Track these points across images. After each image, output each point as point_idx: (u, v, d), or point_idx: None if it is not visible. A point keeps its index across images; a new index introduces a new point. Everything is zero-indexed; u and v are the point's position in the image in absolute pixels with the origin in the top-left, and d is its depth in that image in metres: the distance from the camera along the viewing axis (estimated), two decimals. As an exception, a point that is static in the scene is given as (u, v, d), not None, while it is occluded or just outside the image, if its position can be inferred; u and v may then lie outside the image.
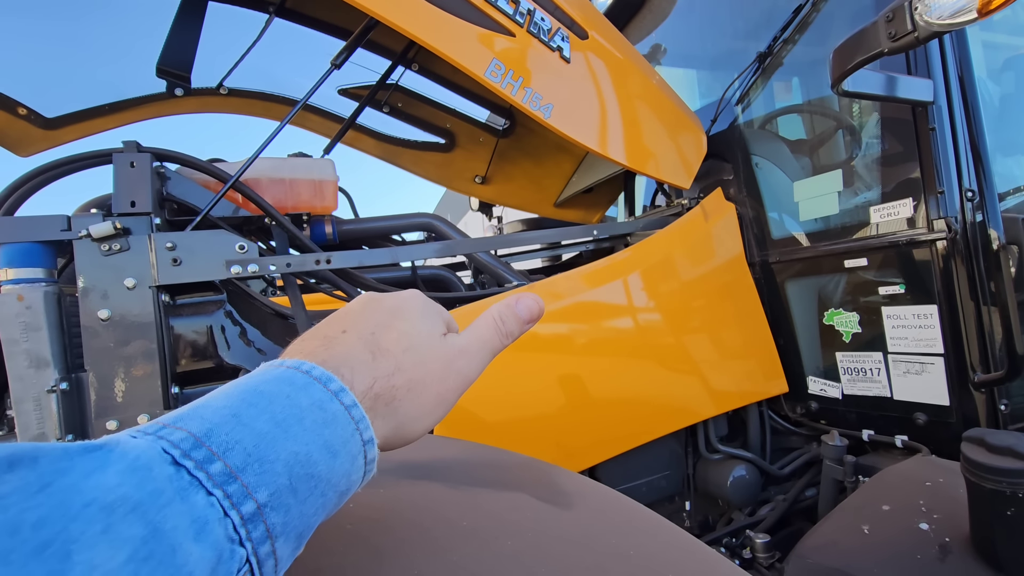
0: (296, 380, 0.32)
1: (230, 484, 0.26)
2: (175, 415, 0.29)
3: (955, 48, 1.27)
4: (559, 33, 1.30)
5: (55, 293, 0.95)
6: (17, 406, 0.91)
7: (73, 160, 1.05)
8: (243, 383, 0.32)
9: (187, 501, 0.24)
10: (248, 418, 0.29)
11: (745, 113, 1.78)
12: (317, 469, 0.30)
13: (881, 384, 1.40)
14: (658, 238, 1.51)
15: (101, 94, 1.54)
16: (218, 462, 0.26)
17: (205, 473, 0.26)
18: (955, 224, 1.23)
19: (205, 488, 0.25)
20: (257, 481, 0.27)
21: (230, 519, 0.25)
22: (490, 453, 0.59)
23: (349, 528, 0.36)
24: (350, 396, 0.33)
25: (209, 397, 0.31)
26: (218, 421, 0.28)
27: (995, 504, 0.81)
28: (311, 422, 0.31)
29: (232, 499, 0.26)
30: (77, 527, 0.21)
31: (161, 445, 0.26)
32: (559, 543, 0.40)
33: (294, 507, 0.28)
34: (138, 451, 0.25)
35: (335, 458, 0.31)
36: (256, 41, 1.59)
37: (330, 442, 0.31)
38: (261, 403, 0.30)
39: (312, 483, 0.30)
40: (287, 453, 0.29)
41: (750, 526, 1.45)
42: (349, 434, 0.32)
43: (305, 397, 0.32)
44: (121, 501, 0.22)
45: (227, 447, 0.27)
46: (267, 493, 0.27)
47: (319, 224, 1.41)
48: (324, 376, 0.33)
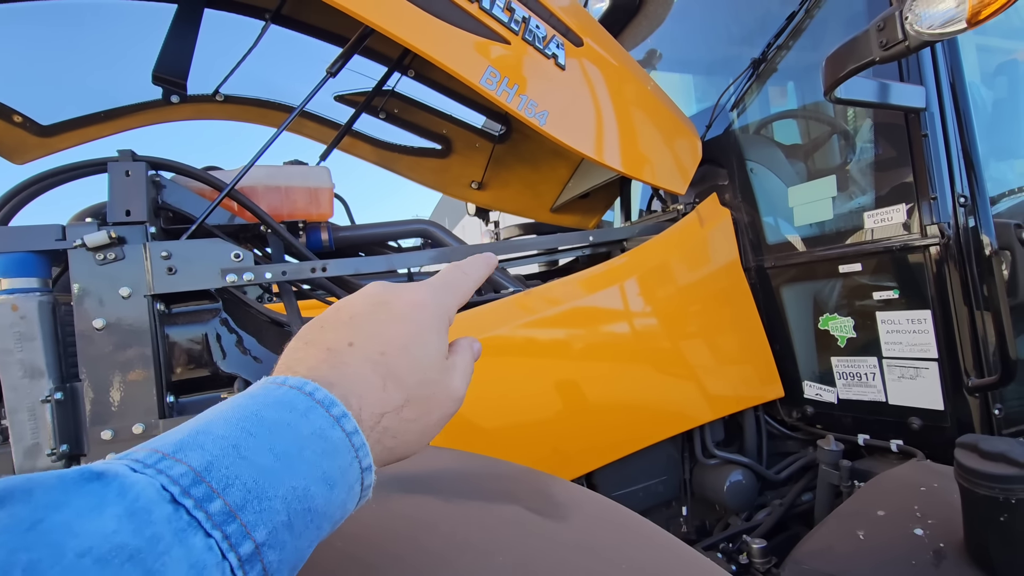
0: (298, 405, 0.32)
1: (229, 524, 0.25)
2: (175, 442, 0.28)
3: (947, 55, 1.28)
4: (554, 40, 1.31)
5: (50, 303, 0.95)
6: (11, 416, 0.91)
7: (68, 169, 1.05)
8: (244, 406, 0.31)
9: (185, 544, 0.24)
10: (248, 451, 0.28)
11: (740, 118, 1.79)
12: (315, 503, 0.29)
13: (876, 389, 1.41)
14: (654, 244, 1.52)
15: (97, 101, 1.55)
16: (218, 500, 0.26)
17: (204, 513, 0.25)
18: (948, 229, 1.24)
19: (204, 529, 0.25)
20: (256, 520, 0.26)
21: (228, 562, 0.25)
22: (484, 463, 0.59)
23: (339, 546, 0.36)
24: (352, 423, 0.33)
25: (209, 420, 0.30)
26: (218, 453, 0.27)
27: (989, 510, 0.82)
28: (311, 453, 0.30)
29: (231, 540, 0.25)
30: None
31: (160, 481, 0.25)
32: (553, 556, 0.40)
33: (290, 543, 0.28)
34: (137, 490, 0.24)
35: (332, 490, 0.31)
36: (252, 48, 1.59)
37: (329, 474, 0.30)
38: (261, 433, 0.29)
39: (309, 517, 0.29)
40: (286, 489, 0.28)
41: (747, 531, 1.45)
42: (348, 463, 0.32)
43: (306, 425, 0.31)
44: (118, 550, 0.21)
45: (227, 483, 0.26)
46: (265, 532, 0.27)
47: (315, 231, 1.41)
48: (327, 400, 0.32)
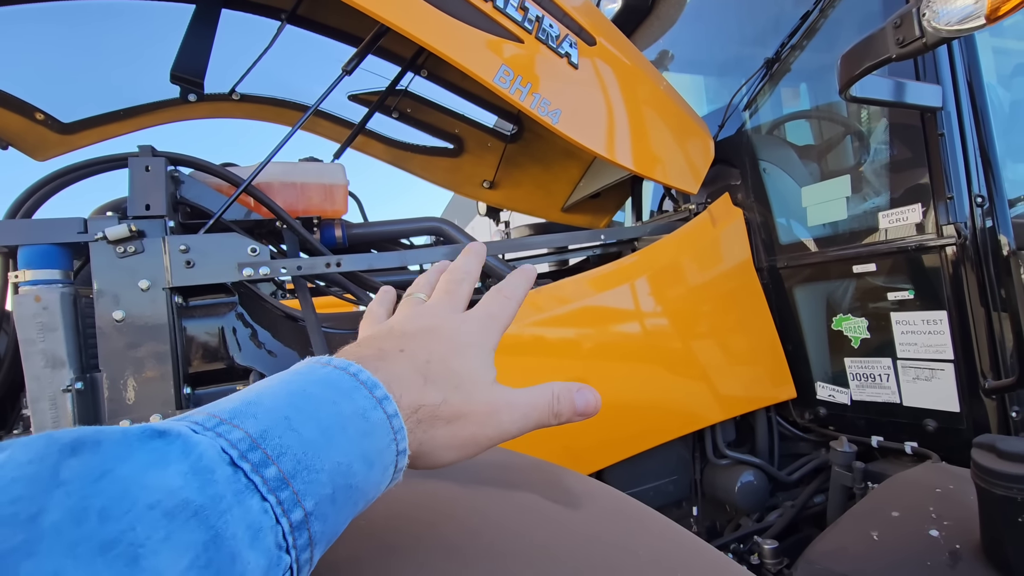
0: (342, 384, 0.33)
1: (283, 490, 0.26)
2: (229, 409, 0.28)
3: (964, 53, 1.27)
4: (567, 39, 1.31)
5: (71, 294, 0.97)
6: (33, 405, 0.92)
7: (90, 164, 1.07)
8: (290, 382, 0.32)
9: (243, 505, 0.24)
10: (298, 423, 0.29)
11: (753, 119, 1.78)
12: (355, 480, 0.30)
13: (890, 390, 1.39)
14: (665, 243, 1.51)
15: (116, 99, 1.57)
16: (272, 467, 0.26)
17: (261, 477, 0.26)
18: (965, 230, 1.23)
19: (260, 493, 0.25)
20: (306, 489, 0.27)
21: (281, 526, 0.26)
22: (498, 454, 0.60)
23: (362, 524, 0.37)
24: (393, 405, 0.33)
25: (257, 393, 0.31)
26: (271, 423, 0.28)
27: (1006, 510, 0.81)
28: (353, 431, 0.31)
29: (284, 506, 0.26)
30: (142, 530, 0.20)
31: (220, 444, 0.26)
32: (568, 542, 0.40)
33: (331, 516, 0.29)
34: (200, 449, 0.25)
35: (371, 469, 0.31)
36: (268, 48, 1.61)
37: (368, 453, 0.31)
38: (308, 408, 0.30)
39: (349, 493, 0.30)
40: (332, 463, 0.29)
41: (758, 532, 1.45)
42: (386, 444, 0.33)
43: (349, 404, 0.32)
44: (183, 505, 0.22)
45: (280, 452, 0.27)
46: (313, 502, 0.27)
47: (329, 228, 1.42)
48: (370, 381, 0.33)
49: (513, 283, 0.51)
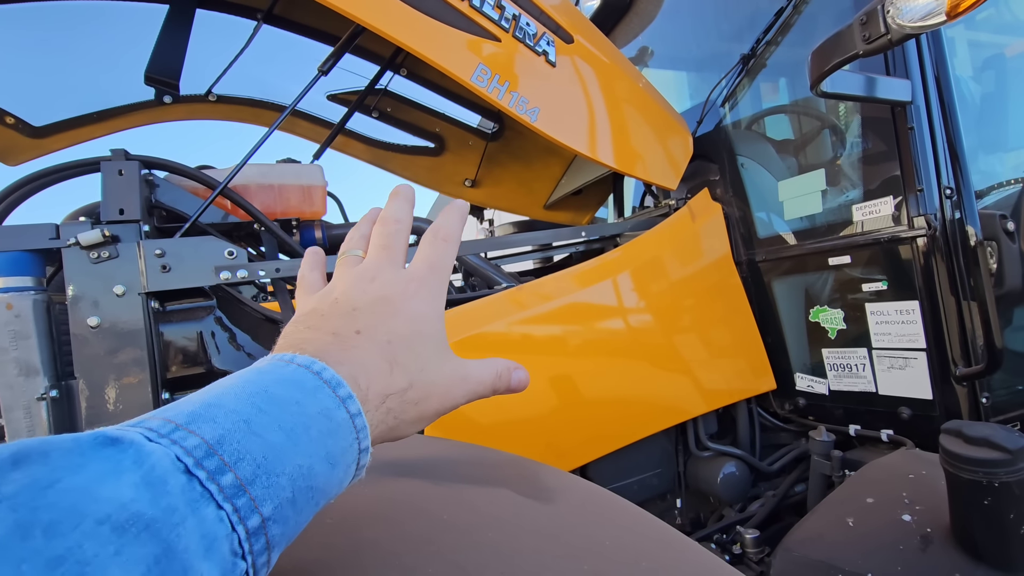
0: (306, 383, 0.32)
1: (239, 497, 0.26)
2: (187, 412, 0.28)
3: (931, 49, 1.30)
4: (544, 37, 1.32)
5: (44, 301, 0.96)
6: (7, 414, 0.91)
7: (61, 169, 1.05)
8: (253, 381, 0.31)
9: (198, 515, 0.24)
10: (259, 427, 0.29)
11: (731, 114, 1.80)
12: (317, 481, 0.30)
13: (866, 379, 1.42)
14: (646, 238, 1.53)
15: (89, 102, 1.55)
16: (229, 473, 0.26)
17: (216, 485, 0.25)
18: (935, 221, 1.26)
19: (216, 501, 0.25)
20: (264, 495, 0.27)
21: (236, 534, 0.25)
22: (473, 451, 0.60)
23: (329, 523, 0.38)
24: (356, 404, 0.33)
25: (219, 393, 0.30)
26: (230, 427, 0.28)
27: (973, 494, 0.83)
28: (316, 432, 0.31)
29: (240, 513, 0.26)
30: (91, 547, 0.20)
31: (175, 452, 0.25)
32: (537, 535, 0.41)
33: (292, 518, 0.29)
34: (153, 459, 0.24)
35: (333, 469, 0.31)
36: (244, 48, 1.59)
37: (332, 453, 0.31)
38: (272, 410, 0.30)
39: (310, 494, 0.30)
40: (292, 466, 0.29)
41: (740, 522, 1.47)
42: (349, 443, 0.33)
43: (313, 404, 0.31)
44: (135, 519, 0.22)
45: (238, 457, 0.27)
46: (271, 507, 0.27)
47: (308, 229, 1.42)
48: (334, 380, 0.33)
49: (448, 223, 0.48)
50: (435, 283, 0.44)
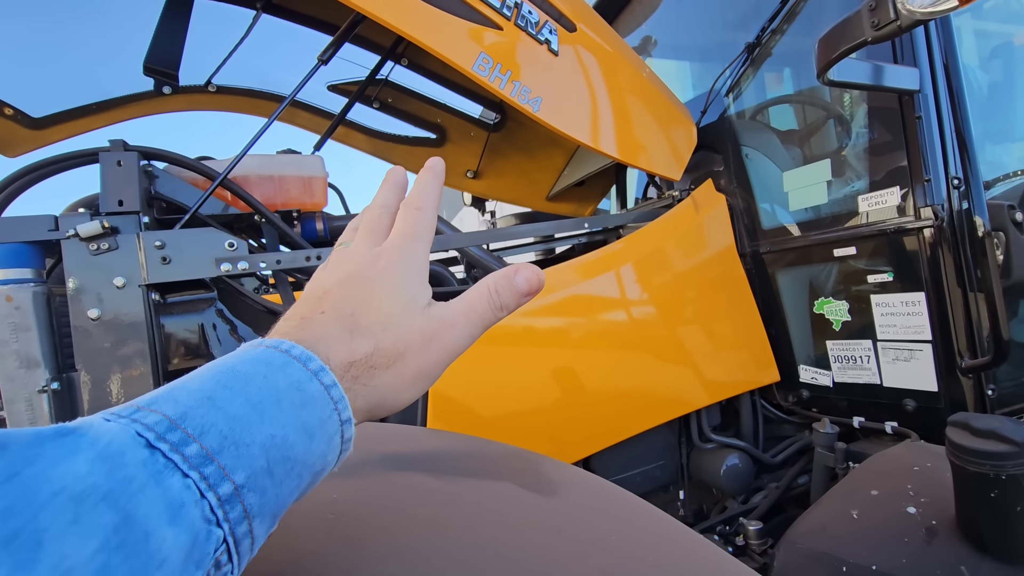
0: (274, 360, 0.32)
1: (207, 466, 0.26)
2: (149, 397, 0.28)
3: (940, 36, 1.28)
4: (547, 26, 1.30)
5: (44, 293, 0.95)
6: (8, 406, 0.91)
7: (60, 160, 1.04)
8: (220, 364, 0.31)
9: (162, 485, 0.24)
10: (223, 401, 0.28)
11: (735, 104, 1.78)
12: (294, 452, 0.29)
13: (871, 371, 1.41)
14: (650, 230, 1.52)
15: (88, 93, 1.54)
16: (194, 444, 0.26)
17: (181, 455, 0.25)
18: (942, 212, 1.24)
19: (181, 470, 0.25)
20: (234, 463, 0.27)
21: (207, 500, 0.25)
22: (475, 444, 0.60)
23: (331, 518, 0.37)
24: (330, 376, 0.33)
25: (185, 379, 0.30)
26: (192, 404, 0.27)
27: (979, 486, 0.83)
28: (288, 404, 0.30)
29: (209, 480, 0.25)
30: (46, 517, 0.20)
31: (135, 428, 0.25)
32: (540, 530, 0.40)
33: (270, 489, 0.28)
34: (110, 436, 0.24)
35: (312, 440, 0.31)
36: (244, 38, 1.58)
37: (308, 424, 0.30)
38: (236, 386, 0.29)
39: (289, 465, 0.29)
40: (264, 436, 0.28)
41: (743, 514, 1.47)
42: (327, 415, 0.32)
43: (283, 378, 0.31)
44: (91, 490, 0.22)
45: (203, 430, 0.26)
46: (244, 475, 0.27)
47: (309, 221, 1.41)
48: (303, 355, 0.32)
49: (419, 191, 0.46)
50: (407, 249, 0.42)
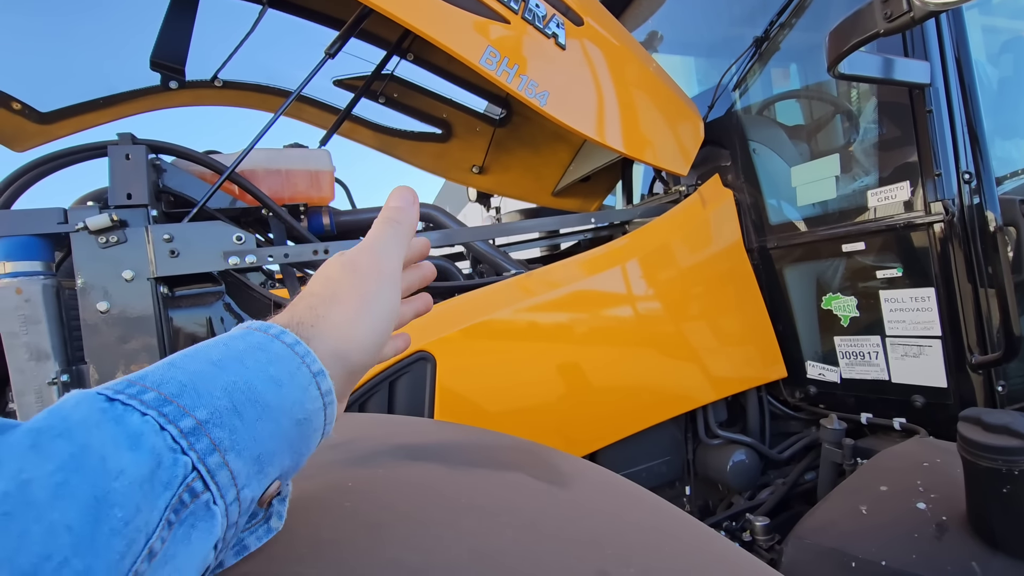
0: (235, 333, 0.35)
1: (165, 406, 0.27)
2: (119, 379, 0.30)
3: (952, 29, 1.27)
4: (554, 20, 1.29)
5: (53, 286, 0.95)
6: (19, 398, 0.91)
7: (68, 153, 1.05)
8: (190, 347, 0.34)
9: (120, 422, 0.26)
10: (183, 363, 0.31)
11: (742, 99, 1.77)
12: (263, 397, 0.31)
13: (879, 367, 1.41)
14: (656, 225, 1.51)
15: (95, 88, 1.54)
16: (151, 392, 0.28)
17: (139, 401, 0.27)
18: (952, 207, 1.23)
19: (139, 411, 0.27)
20: (194, 403, 0.28)
21: (168, 432, 0.27)
22: (487, 436, 0.60)
23: (348, 506, 0.37)
24: (292, 336, 0.35)
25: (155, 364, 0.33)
26: (152, 370, 0.30)
27: (991, 482, 0.82)
28: (253, 361, 0.32)
29: (168, 417, 0.27)
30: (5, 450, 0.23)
31: (95, 391, 0.27)
32: (556, 517, 0.40)
33: (241, 428, 0.30)
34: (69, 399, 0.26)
35: (281, 387, 0.32)
36: (250, 33, 1.58)
37: (275, 376, 0.32)
38: (197, 353, 0.32)
39: (259, 408, 0.31)
40: (225, 382, 0.30)
41: (750, 509, 1.46)
42: (295, 367, 0.34)
43: (242, 342, 0.33)
44: (48, 428, 0.24)
45: (161, 382, 0.28)
46: (207, 412, 0.28)
47: (316, 215, 1.41)
48: (264, 325, 0.35)
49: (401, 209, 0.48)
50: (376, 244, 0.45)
